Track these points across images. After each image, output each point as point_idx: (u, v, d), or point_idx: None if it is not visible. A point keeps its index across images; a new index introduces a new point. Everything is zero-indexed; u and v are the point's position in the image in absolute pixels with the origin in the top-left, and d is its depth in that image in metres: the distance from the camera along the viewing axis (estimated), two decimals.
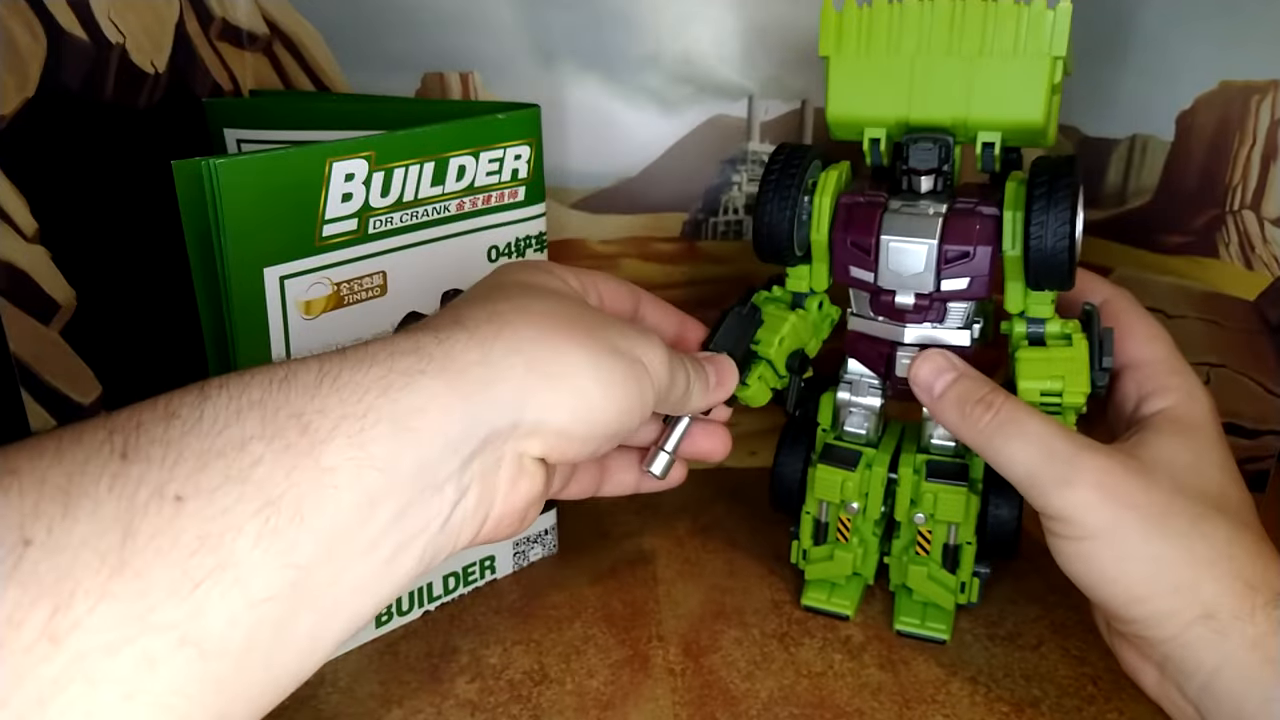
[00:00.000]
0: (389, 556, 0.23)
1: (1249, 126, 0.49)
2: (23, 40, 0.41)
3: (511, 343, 0.26)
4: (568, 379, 0.26)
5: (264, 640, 0.20)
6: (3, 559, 0.17)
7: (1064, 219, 0.35)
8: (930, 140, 0.38)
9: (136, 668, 0.18)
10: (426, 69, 0.52)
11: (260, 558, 0.19)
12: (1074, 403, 0.37)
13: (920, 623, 0.43)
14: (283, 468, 0.20)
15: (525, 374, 0.25)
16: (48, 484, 0.18)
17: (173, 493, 0.19)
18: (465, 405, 0.24)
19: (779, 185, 0.40)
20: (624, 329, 0.29)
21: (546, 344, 0.26)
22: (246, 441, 0.20)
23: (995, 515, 0.42)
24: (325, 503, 0.21)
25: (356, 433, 0.22)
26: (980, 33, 0.36)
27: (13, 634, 0.16)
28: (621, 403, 0.28)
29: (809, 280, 0.43)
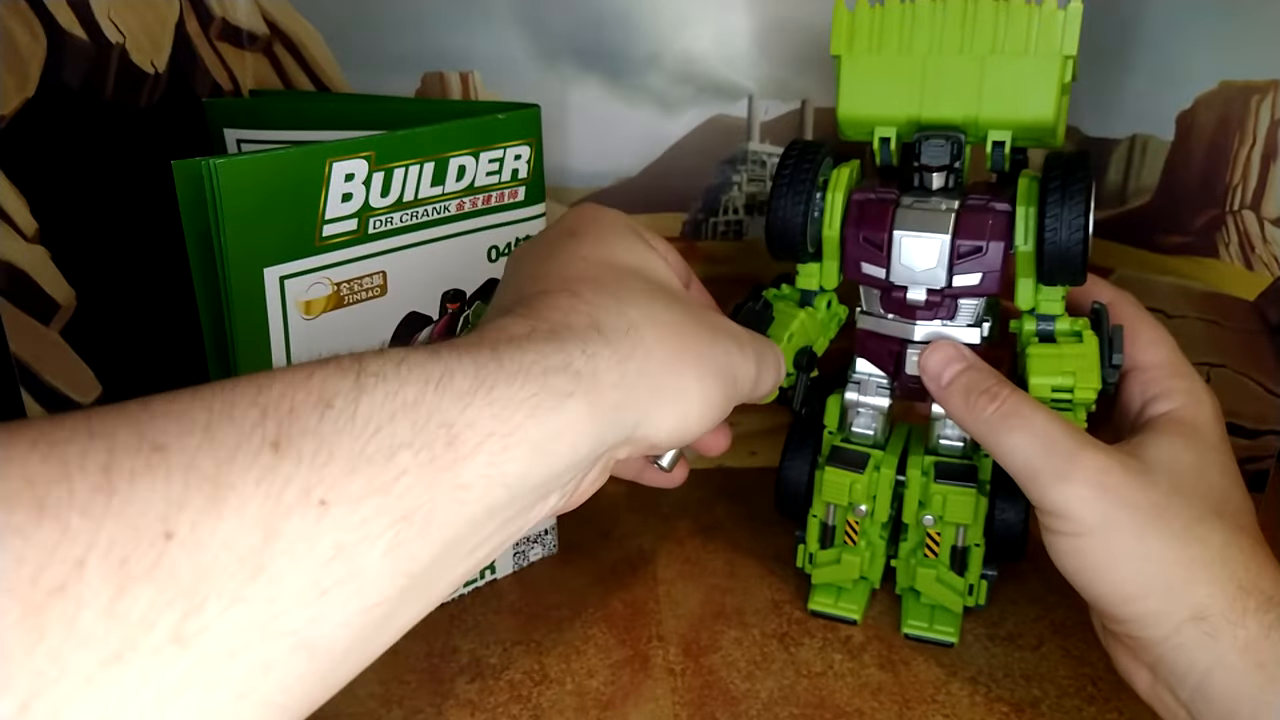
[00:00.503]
0: (483, 556, 0.23)
1: (1249, 126, 0.49)
2: (23, 40, 0.41)
3: (643, 364, 0.26)
4: (680, 404, 0.27)
5: (365, 640, 0.20)
6: (143, 553, 0.16)
7: (1079, 211, 0.36)
8: (942, 137, 0.38)
9: (252, 671, 0.17)
10: (426, 69, 0.52)
11: (384, 567, 0.19)
12: (1085, 399, 0.37)
13: (928, 626, 0.43)
14: (423, 482, 0.20)
15: (648, 398, 0.26)
16: (195, 470, 0.17)
17: (318, 496, 0.19)
18: (598, 430, 0.24)
19: (793, 181, 0.40)
20: (728, 343, 0.30)
21: (671, 369, 0.27)
22: (396, 451, 0.20)
23: (1003, 517, 0.42)
24: (451, 517, 0.21)
25: (499, 451, 0.22)
26: (992, 32, 0.37)
27: (144, 636, 0.16)
28: (711, 421, 0.29)
29: (819, 278, 0.43)
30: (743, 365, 0.30)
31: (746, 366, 0.30)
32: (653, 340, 0.27)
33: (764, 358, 0.32)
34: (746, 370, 0.30)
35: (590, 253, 0.29)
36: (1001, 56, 0.37)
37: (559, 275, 0.28)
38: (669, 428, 0.27)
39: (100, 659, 0.15)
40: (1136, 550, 0.32)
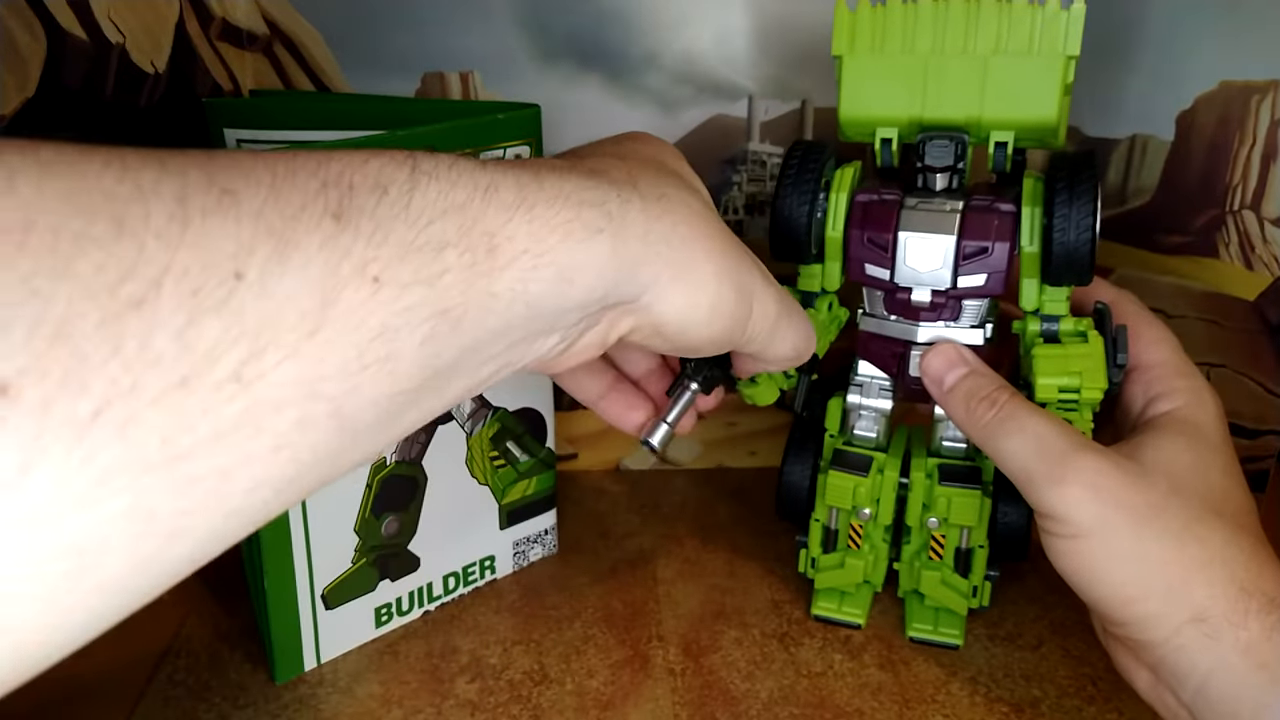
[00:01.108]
0: (487, 374, 0.24)
1: (1249, 126, 0.49)
2: (23, 40, 0.41)
3: (669, 232, 0.26)
4: (692, 288, 0.27)
5: (384, 423, 0.21)
6: (214, 288, 0.17)
7: (1087, 211, 0.36)
8: (947, 138, 0.38)
9: (291, 427, 0.18)
10: (426, 69, 0.52)
11: (416, 356, 0.20)
12: (1091, 398, 0.37)
13: (933, 629, 0.43)
14: (462, 283, 0.21)
15: (665, 267, 0.26)
16: (263, 220, 0.18)
17: (373, 274, 0.19)
18: (615, 276, 0.25)
19: (797, 181, 0.40)
20: (754, 270, 0.30)
21: (692, 250, 0.27)
22: (443, 248, 0.21)
23: (1005, 519, 0.42)
24: (477, 324, 0.22)
25: (529, 269, 0.22)
26: (995, 32, 0.37)
27: (209, 368, 0.16)
28: (718, 330, 0.28)
29: (820, 280, 0.42)
30: (764, 297, 0.30)
31: (767, 302, 0.30)
32: (683, 217, 0.27)
33: (792, 313, 0.32)
34: (766, 306, 0.30)
35: (644, 150, 0.30)
36: (1004, 57, 0.37)
37: (606, 148, 0.29)
38: (676, 308, 0.27)
39: (169, 382, 0.16)
40: (1134, 552, 0.32)
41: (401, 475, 0.43)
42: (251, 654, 0.43)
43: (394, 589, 0.44)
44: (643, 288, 0.26)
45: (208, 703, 0.40)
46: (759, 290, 0.30)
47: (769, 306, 0.30)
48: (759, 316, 0.30)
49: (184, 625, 0.45)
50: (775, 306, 0.30)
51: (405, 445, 0.42)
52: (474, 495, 0.46)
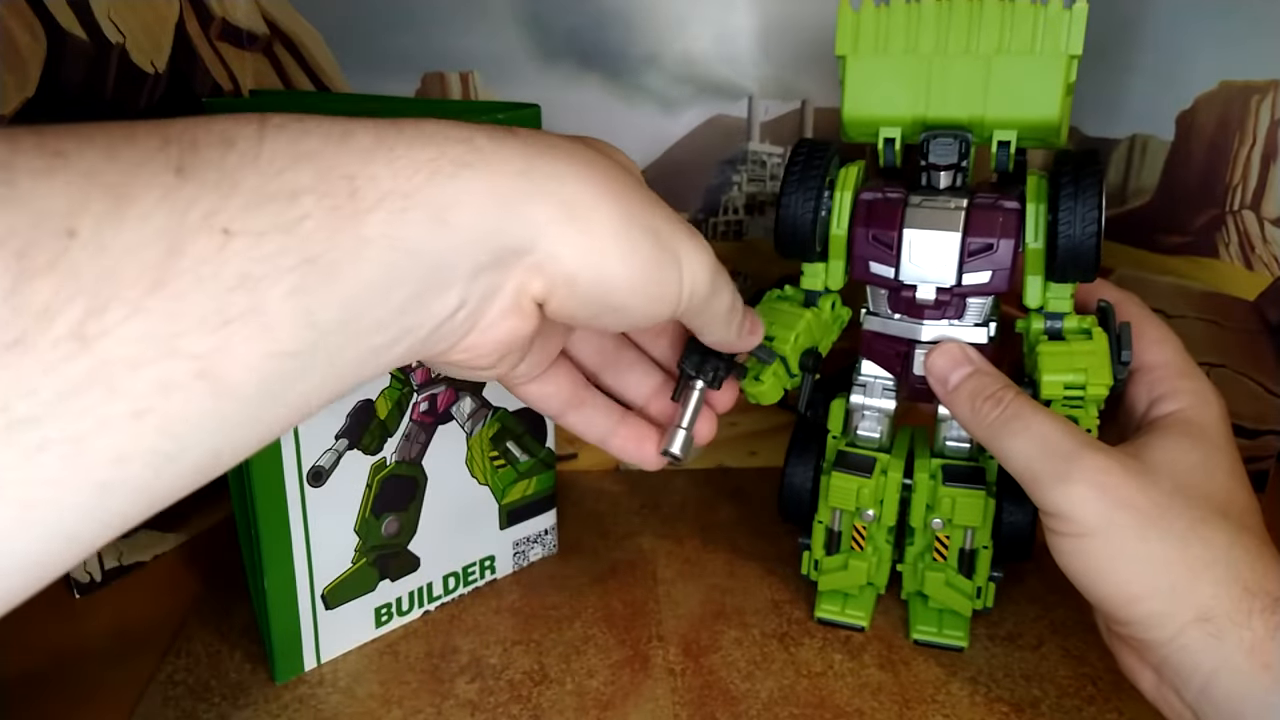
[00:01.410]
0: (385, 343, 0.22)
1: (1249, 126, 0.49)
2: (23, 40, 0.41)
3: (556, 170, 0.25)
4: (593, 230, 0.25)
5: (271, 393, 0.20)
6: (44, 247, 0.16)
7: (1092, 206, 0.36)
8: (951, 136, 0.39)
9: (152, 389, 0.18)
10: (426, 69, 0.52)
11: (289, 313, 0.19)
12: (1097, 395, 0.37)
13: (937, 631, 0.43)
14: (327, 228, 0.20)
15: (557, 206, 0.24)
16: (97, 178, 0.17)
17: (221, 224, 0.18)
18: (497, 211, 0.23)
19: (803, 179, 0.40)
20: (676, 223, 0.28)
21: (587, 190, 0.25)
22: (299, 194, 0.20)
23: (1010, 518, 0.42)
24: (355, 273, 0.21)
25: (399, 211, 0.21)
26: (998, 32, 0.37)
27: (45, 326, 0.16)
28: (640, 280, 0.26)
29: (824, 278, 0.42)
30: (692, 251, 0.28)
31: (697, 255, 0.28)
32: (575, 159, 0.25)
33: (728, 279, 0.30)
34: (696, 259, 0.28)
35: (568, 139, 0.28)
36: (1007, 56, 0.37)
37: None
38: (583, 255, 0.25)
39: (1, 342, 0.16)
40: (1138, 552, 0.32)
41: (401, 475, 0.43)
42: (251, 654, 0.43)
43: (394, 589, 0.44)
44: (535, 230, 0.24)
45: (208, 702, 0.40)
46: (684, 243, 0.27)
47: (700, 259, 0.28)
48: (692, 271, 0.28)
49: (184, 625, 0.45)
50: (708, 262, 0.28)
51: (405, 445, 0.42)
52: (474, 495, 0.46)
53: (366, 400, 0.40)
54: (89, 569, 0.48)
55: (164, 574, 0.50)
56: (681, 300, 0.28)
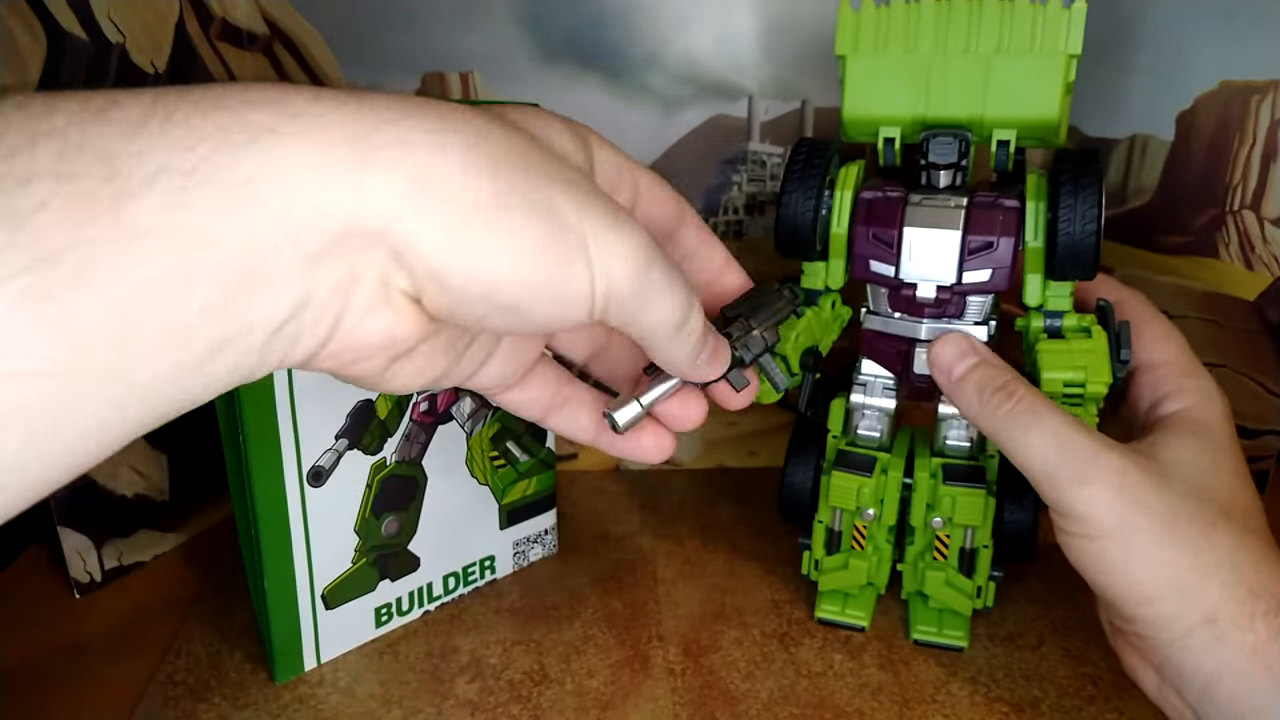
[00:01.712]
0: (197, 358, 0.18)
1: (1249, 126, 0.49)
2: (23, 40, 0.41)
3: (405, 134, 0.20)
4: (455, 206, 0.20)
5: (37, 423, 0.17)
6: None
7: (1092, 204, 0.36)
8: (950, 135, 0.39)
9: None
10: (426, 69, 0.52)
11: (23, 320, 0.16)
12: (1096, 393, 0.37)
13: (937, 631, 0.43)
14: (72, 219, 0.16)
15: (409, 180, 0.20)
16: None
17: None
18: (322, 180, 0.19)
19: (803, 177, 0.40)
20: (591, 203, 0.22)
21: (447, 156, 0.20)
22: (31, 179, 0.16)
23: (1012, 517, 0.42)
24: (122, 271, 0.17)
25: (177, 193, 0.17)
26: (997, 32, 0.37)
27: None
28: (529, 272, 0.21)
29: (824, 278, 0.43)
30: (612, 235, 0.22)
31: (622, 242, 0.22)
32: (444, 121, 0.21)
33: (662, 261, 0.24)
34: (620, 246, 0.22)
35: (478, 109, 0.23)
36: (1006, 56, 0.37)
37: None
38: (447, 241, 0.20)
39: None
40: (1153, 556, 0.32)
41: (401, 475, 0.43)
42: (251, 654, 0.43)
43: (394, 589, 0.44)
44: (390, 211, 0.20)
45: (208, 703, 0.40)
46: (597, 227, 0.22)
47: (622, 251, 0.22)
48: (606, 266, 0.22)
49: (184, 625, 0.45)
50: (635, 257, 0.23)
51: (405, 445, 0.42)
52: (474, 495, 0.46)
53: (366, 400, 0.40)
54: (89, 569, 0.48)
55: (164, 574, 0.50)
56: (595, 303, 0.22)
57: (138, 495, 0.49)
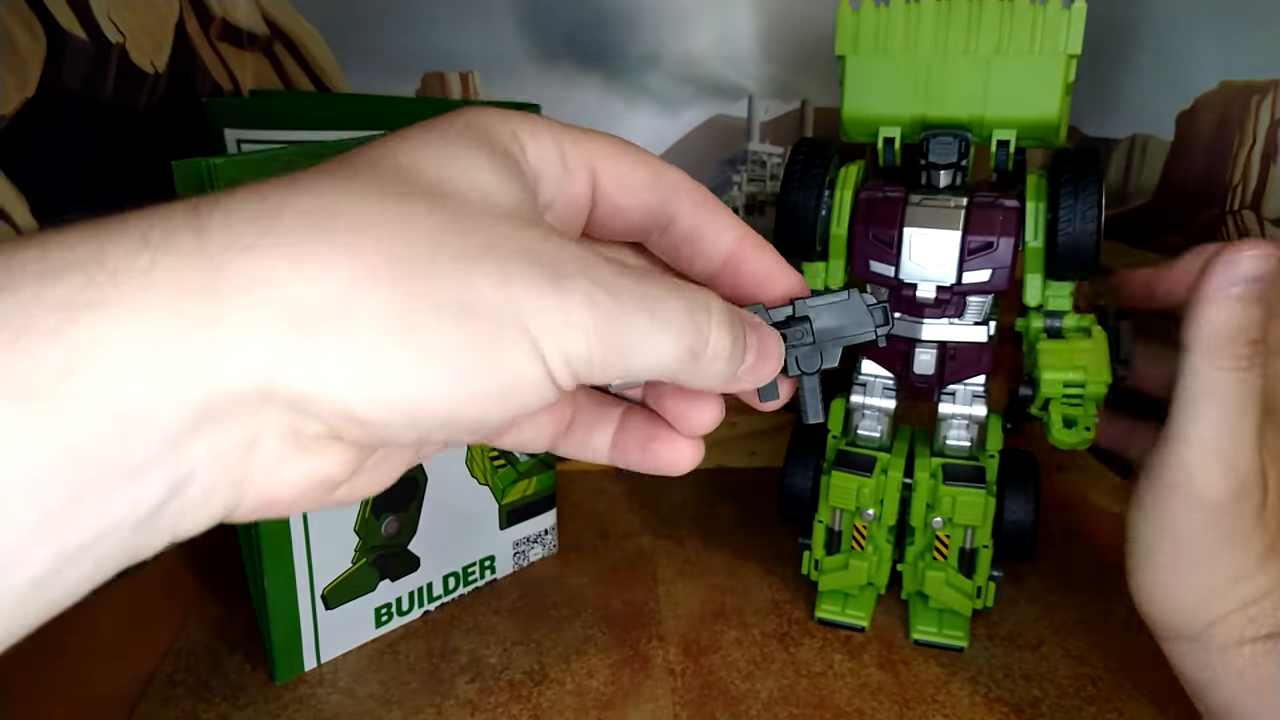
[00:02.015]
0: (44, 573, 0.15)
1: (1249, 126, 0.49)
2: (22, 40, 0.41)
3: (272, 266, 0.16)
4: (355, 341, 0.17)
5: None
6: None
7: (1092, 203, 0.36)
8: (950, 135, 0.39)
9: None
10: (426, 69, 0.52)
11: None
12: (1096, 393, 0.37)
13: (937, 631, 0.43)
14: None
15: (282, 322, 0.16)
16: None
17: None
18: (161, 356, 0.15)
19: (804, 177, 0.40)
20: (515, 263, 0.18)
21: (334, 285, 0.16)
22: None
23: (1010, 517, 0.42)
24: None
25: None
26: (997, 32, 0.37)
27: None
28: (455, 385, 0.18)
29: (824, 278, 0.43)
30: (546, 311, 0.18)
31: (562, 315, 0.18)
32: (315, 226, 0.17)
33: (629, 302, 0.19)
34: (563, 321, 0.18)
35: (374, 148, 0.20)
36: (1006, 56, 0.37)
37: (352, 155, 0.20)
38: (350, 381, 0.17)
39: None
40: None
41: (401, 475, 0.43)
42: (251, 654, 0.43)
43: (394, 589, 0.44)
44: (268, 367, 0.16)
45: (208, 703, 0.40)
46: (525, 292, 0.18)
47: (576, 319, 0.18)
48: (560, 346, 0.18)
49: (184, 625, 0.45)
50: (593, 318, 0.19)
51: None
52: (474, 495, 0.46)
53: None
54: None
55: (164, 574, 0.50)
56: (558, 380, 0.19)
57: None
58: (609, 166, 0.22)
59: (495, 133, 0.20)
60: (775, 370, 0.24)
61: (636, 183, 0.23)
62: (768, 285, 0.25)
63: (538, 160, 0.21)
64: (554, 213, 0.22)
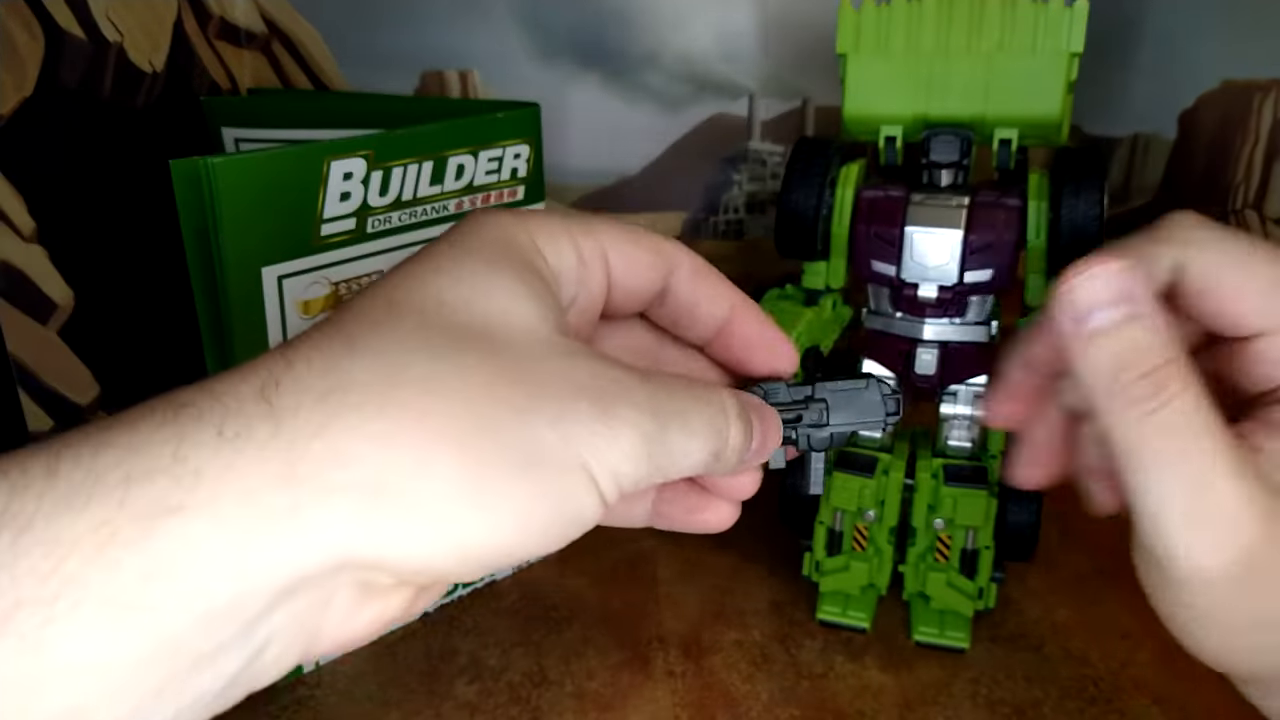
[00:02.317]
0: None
1: (1251, 125, 0.48)
2: (21, 39, 0.41)
3: (350, 447, 0.17)
4: (431, 508, 0.17)
5: None
6: None
7: (1094, 201, 0.36)
8: (952, 133, 0.39)
9: None
10: (425, 67, 0.52)
11: None
12: None
13: (939, 632, 0.43)
14: None
15: (360, 500, 0.17)
16: None
17: None
18: (248, 548, 0.16)
19: (804, 176, 0.40)
20: (570, 406, 0.19)
21: (409, 457, 0.17)
22: None
23: (1012, 518, 0.42)
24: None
25: (37, 627, 0.14)
26: (998, 30, 0.37)
27: None
28: (528, 530, 0.19)
29: (825, 277, 0.42)
30: (598, 443, 0.19)
31: (611, 445, 0.19)
32: (387, 400, 0.17)
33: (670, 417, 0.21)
34: (611, 450, 0.19)
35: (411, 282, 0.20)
36: (1008, 55, 0.37)
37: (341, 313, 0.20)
38: (429, 545, 0.18)
39: None
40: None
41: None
42: None
43: None
44: (346, 541, 0.17)
45: None
46: (581, 431, 0.19)
47: (621, 449, 0.20)
48: (611, 471, 0.19)
49: None
50: (635, 441, 0.20)
51: None
52: None
53: None
54: None
55: None
56: (608, 502, 0.20)
57: None
58: (617, 252, 0.23)
59: (517, 245, 0.21)
60: (774, 448, 0.25)
61: (643, 264, 0.24)
62: (760, 350, 0.26)
63: (557, 263, 0.22)
64: (577, 308, 0.23)
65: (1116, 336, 0.23)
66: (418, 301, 0.19)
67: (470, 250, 0.21)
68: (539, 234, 0.22)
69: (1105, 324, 0.23)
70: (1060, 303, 0.24)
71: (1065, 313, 0.24)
